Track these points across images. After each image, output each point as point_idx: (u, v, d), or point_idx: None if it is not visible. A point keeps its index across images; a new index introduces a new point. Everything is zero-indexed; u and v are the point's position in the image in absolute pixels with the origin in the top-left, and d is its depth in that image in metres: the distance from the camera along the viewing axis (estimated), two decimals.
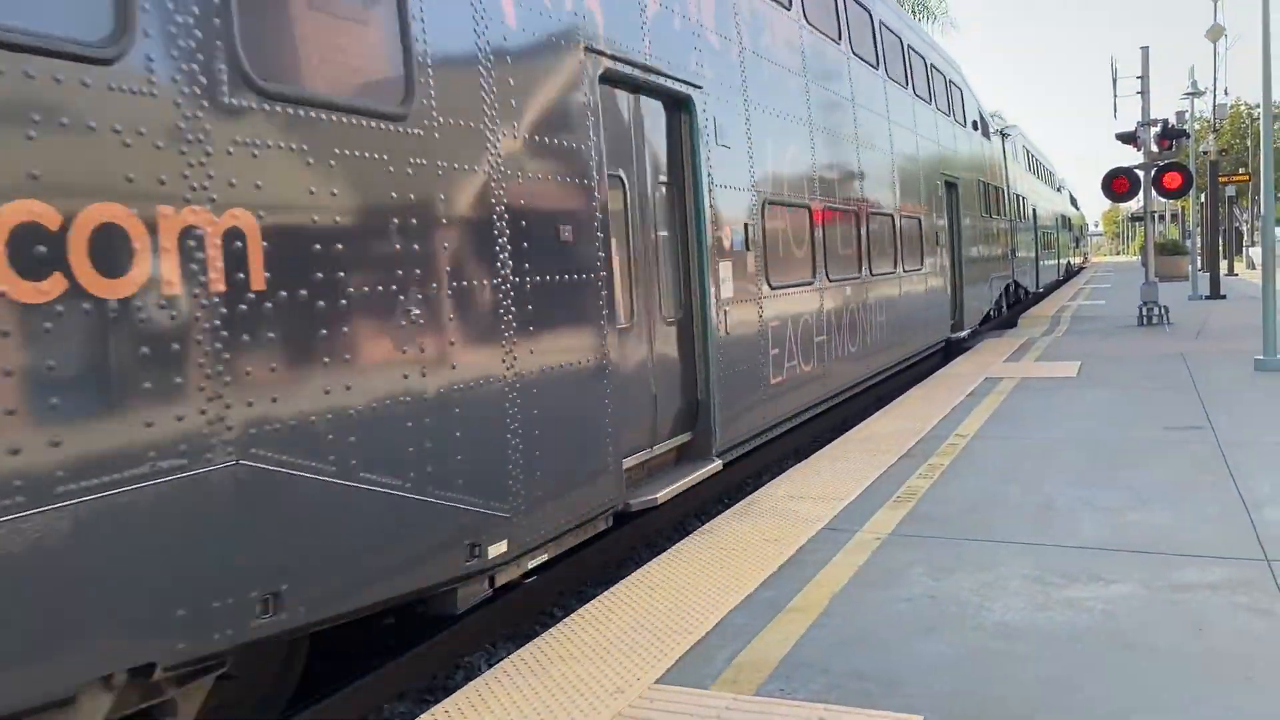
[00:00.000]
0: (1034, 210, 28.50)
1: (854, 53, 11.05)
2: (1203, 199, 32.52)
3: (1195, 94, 28.98)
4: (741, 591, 4.77)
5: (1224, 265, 34.92)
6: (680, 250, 6.94)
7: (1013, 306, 22.72)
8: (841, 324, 9.96)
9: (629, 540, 6.88)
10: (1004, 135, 23.28)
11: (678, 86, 6.74)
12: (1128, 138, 18.49)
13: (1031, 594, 4.55)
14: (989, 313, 19.11)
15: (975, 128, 18.84)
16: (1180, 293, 24.77)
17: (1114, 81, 22.07)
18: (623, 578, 5.19)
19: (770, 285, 8.09)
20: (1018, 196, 24.60)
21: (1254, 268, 39.89)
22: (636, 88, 6.37)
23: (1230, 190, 38.84)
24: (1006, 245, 21.59)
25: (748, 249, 7.68)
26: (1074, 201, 60.79)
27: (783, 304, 8.38)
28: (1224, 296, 23.76)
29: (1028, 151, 30.71)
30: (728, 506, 7.11)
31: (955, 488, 6.57)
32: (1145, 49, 19.74)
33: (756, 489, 7.29)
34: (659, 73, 6.47)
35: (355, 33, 4.22)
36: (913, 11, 28.68)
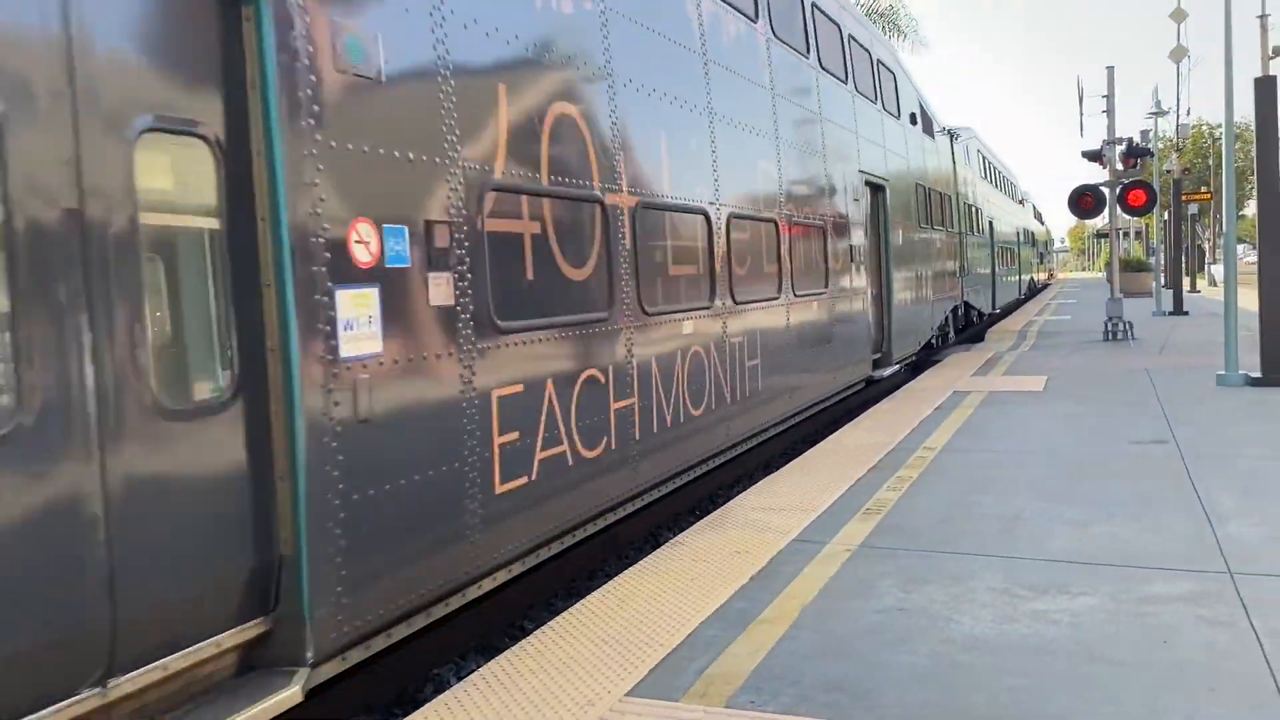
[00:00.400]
0: (991, 223, 26.21)
1: None
2: (1166, 217, 33.06)
3: (1159, 113, 29.60)
4: (712, 604, 4.77)
5: (1186, 282, 35.63)
6: (230, 269, 3.70)
7: (961, 331, 20.28)
8: (671, 378, 6.88)
9: (599, 553, 6.85)
10: (953, 136, 20.47)
11: None
12: (1093, 156, 18.86)
13: (1000, 606, 4.58)
14: (931, 341, 16.70)
15: (914, 122, 16.04)
16: (1144, 309, 25.24)
17: (1080, 100, 22.46)
18: (593, 590, 5.17)
19: (499, 327, 4.95)
20: (970, 206, 22.20)
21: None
22: None
23: (1193, 209, 39.63)
24: (955, 262, 19.01)
25: (431, 268, 4.49)
26: (1039, 216, 61.29)
27: (533, 358, 5.26)
28: (1187, 313, 24.20)
29: (984, 157, 27.53)
30: (700, 517, 7.12)
31: (924, 500, 6.61)
32: (1111, 69, 20.14)
33: (729, 499, 7.29)
34: None
35: None
36: (882, 29, 28.97)
